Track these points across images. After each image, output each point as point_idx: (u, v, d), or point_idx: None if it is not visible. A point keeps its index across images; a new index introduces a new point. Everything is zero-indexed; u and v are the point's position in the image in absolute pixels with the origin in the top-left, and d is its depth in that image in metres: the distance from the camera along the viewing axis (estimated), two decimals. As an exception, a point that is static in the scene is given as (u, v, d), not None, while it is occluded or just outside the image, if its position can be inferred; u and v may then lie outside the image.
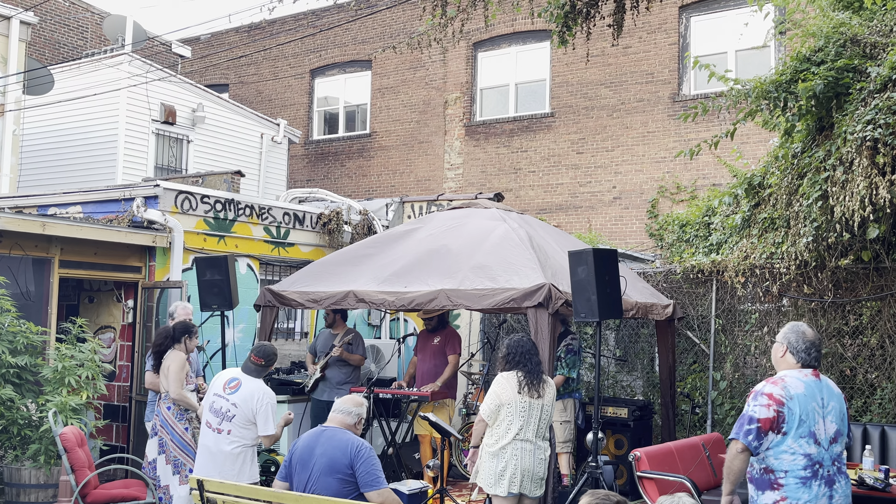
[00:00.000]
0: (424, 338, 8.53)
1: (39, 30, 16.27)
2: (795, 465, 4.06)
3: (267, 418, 5.86)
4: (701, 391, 8.64)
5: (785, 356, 4.29)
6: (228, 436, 5.91)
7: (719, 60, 13.34)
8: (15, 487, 7.23)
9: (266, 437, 5.92)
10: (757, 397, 4.15)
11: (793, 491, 4.06)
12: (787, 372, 4.25)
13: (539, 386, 5.69)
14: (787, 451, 4.07)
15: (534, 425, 5.65)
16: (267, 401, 5.88)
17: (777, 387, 4.14)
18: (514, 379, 5.67)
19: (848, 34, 6.89)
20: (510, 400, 5.61)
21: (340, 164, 18.14)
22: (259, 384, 5.96)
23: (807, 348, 4.25)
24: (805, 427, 4.07)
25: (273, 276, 10.36)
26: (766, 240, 7.86)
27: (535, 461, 5.66)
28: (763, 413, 4.08)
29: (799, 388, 4.13)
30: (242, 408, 5.87)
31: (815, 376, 4.24)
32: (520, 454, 5.60)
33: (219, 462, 5.94)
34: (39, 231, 8.07)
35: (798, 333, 4.29)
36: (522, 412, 5.60)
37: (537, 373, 5.72)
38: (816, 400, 4.15)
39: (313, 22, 18.37)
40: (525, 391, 5.63)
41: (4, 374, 7.39)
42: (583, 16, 8.00)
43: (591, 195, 14.97)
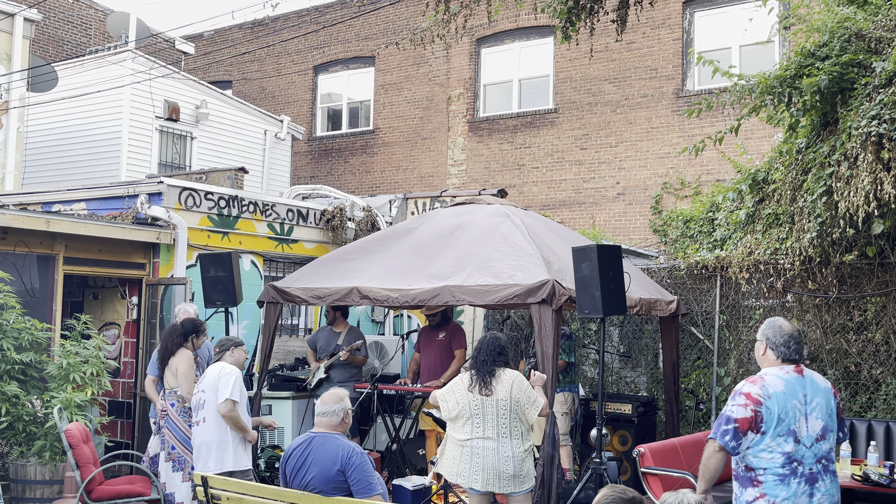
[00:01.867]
0: (428, 333, 8.53)
1: (43, 27, 16.29)
2: (773, 462, 4.04)
3: (226, 385, 6.07)
4: (705, 387, 8.63)
5: (766, 353, 4.24)
6: (205, 424, 6.11)
7: (723, 56, 13.31)
8: (20, 483, 7.26)
9: (222, 403, 6.02)
10: (735, 397, 4.12)
11: (770, 488, 4.04)
12: (767, 370, 4.20)
13: (489, 382, 5.59)
14: (766, 450, 4.05)
15: (492, 423, 5.52)
16: (228, 371, 6.13)
17: (755, 386, 4.10)
18: (467, 377, 5.62)
19: (853, 29, 6.87)
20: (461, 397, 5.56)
21: (344, 160, 18.14)
22: (219, 364, 6.24)
23: (785, 342, 4.20)
24: (784, 426, 4.04)
25: (277, 272, 10.37)
26: (770, 235, 7.85)
27: (500, 459, 5.51)
28: (740, 413, 4.06)
29: (778, 387, 4.09)
30: (209, 389, 6.11)
31: (797, 372, 4.18)
32: (482, 452, 5.49)
33: (202, 453, 6.08)
34: (44, 228, 8.09)
35: (775, 328, 4.24)
36: (476, 411, 5.53)
37: (487, 370, 5.59)
38: (798, 397, 4.10)
39: (316, 18, 18.37)
40: (475, 389, 5.58)
41: (10, 370, 7.41)
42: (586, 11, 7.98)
43: (594, 191, 14.95)
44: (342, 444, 4.70)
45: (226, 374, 6.11)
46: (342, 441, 4.73)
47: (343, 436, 4.79)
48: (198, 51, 19.34)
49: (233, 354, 6.32)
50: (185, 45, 18.50)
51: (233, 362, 6.30)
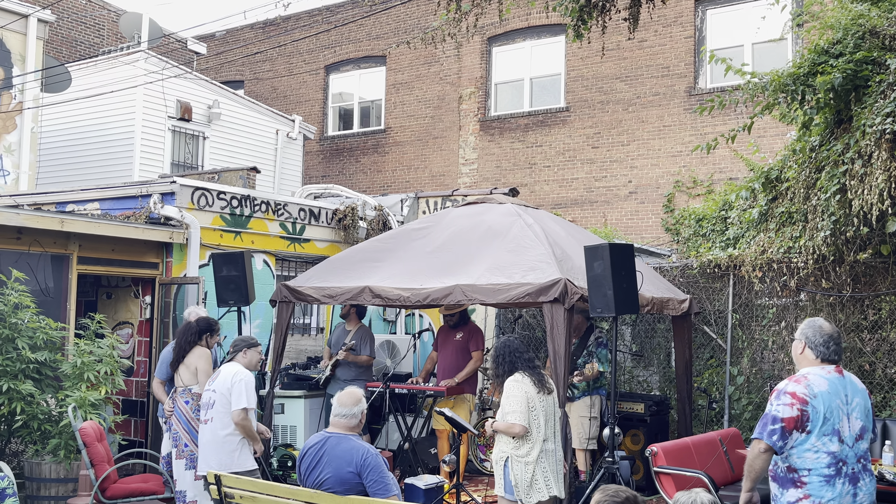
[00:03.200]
0: (445, 333, 8.52)
1: (57, 28, 16.38)
2: (819, 463, 4.02)
3: (240, 393, 6.03)
4: (718, 386, 8.60)
5: (804, 352, 4.23)
6: (212, 424, 6.10)
7: (736, 54, 13.25)
8: (35, 482, 7.30)
9: (236, 411, 6.00)
10: (780, 396, 4.09)
11: (816, 489, 4.01)
12: (809, 369, 4.19)
13: (546, 380, 5.63)
14: (811, 450, 4.03)
15: (552, 422, 5.59)
16: (241, 377, 6.09)
17: (800, 385, 4.08)
18: (527, 379, 5.56)
19: (867, 26, 6.82)
20: (533, 400, 5.49)
21: (355, 159, 18.16)
22: (235, 366, 6.20)
23: (825, 342, 4.19)
24: (829, 425, 4.02)
25: (289, 271, 10.39)
26: (783, 234, 7.81)
27: (557, 461, 5.60)
28: (787, 412, 4.03)
29: (822, 386, 4.08)
30: (220, 391, 6.09)
31: (838, 373, 4.18)
32: (546, 457, 5.51)
33: (208, 452, 6.10)
34: (58, 228, 8.14)
35: (815, 328, 4.23)
36: (545, 411, 5.54)
37: (537, 368, 5.65)
38: (840, 397, 4.10)
39: (328, 18, 18.39)
40: (542, 390, 5.56)
41: (25, 369, 7.45)
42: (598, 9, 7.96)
43: (606, 190, 14.92)
44: (356, 445, 4.71)
45: (239, 381, 6.06)
46: (356, 442, 4.73)
47: (357, 436, 4.80)
48: (210, 51, 19.41)
49: (245, 356, 6.30)
50: (198, 46, 18.57)
51: (245, 364, 6.26)
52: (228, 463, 6.01)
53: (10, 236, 7.99)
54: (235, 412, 6.01)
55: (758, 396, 8.33)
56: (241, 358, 6.29)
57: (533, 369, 5.60)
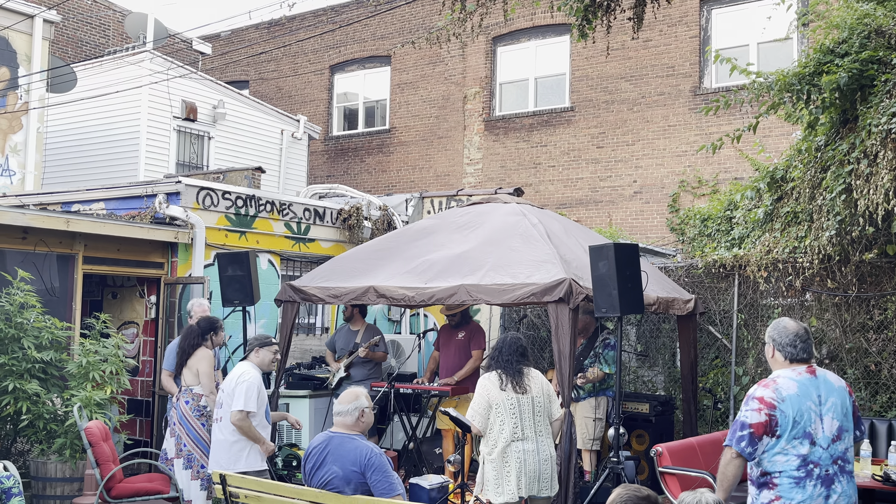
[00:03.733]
0: (447, 333, 8.53)
1: (62, 28, 16.41)
2: (789, 465, 3.99)
3: (239, 395, 6.00)
4: (723, 386, 8.59)
5: (774, 355, 4.20)
6: (221, 423, 6.13)
7: (741, 53, 13.23)
8: (41, 481, 7.32)
9: (233, 412, 5.99)
10: (748, 402, 4.07)
11: (786, 490, 4.00)
12: (779, 372, 4.15)
13: (521, 380, 5.60)
14: (781, 453, 4.01)
15: (529, 422, 5.55)
16: (245, 378, 6.06)
17: (768, 390, 4.05)
18: (496, 377, 5.60)
19: (872, 25, 6.81)
20: (496, 399, 5.52)
21: (360, 159, 18.17)
22: (244, 365, 6.20)
23: (791, 342, 4.14)
24: (799, 428, 3.99)
25: (294, 271, 10.40)
26: (788, 234, 7.79)
27: (540, 461, 5.57)
28: (755, 418, 4.01)
29: (791, 389, 4.04)
30: (227, 391, 6.11)
31: (809, 373, 4.13)
32: (522, 456, 5.49)
33: (217, 451, 6.12)
34: (63, 228, 8.16)
35: (780, 329, 4.19)
36: (512, 410, 5.53)
37: (516, 369, 5.62)
38: (812, 398, 4.05)
39: (332, 18, 18.41)
40: (508, 388, 5.56)
41: (30, 369, 7.47)
42: (603, 9, 7.95)
43: (611, 189, 14.90)
44: (360, 445, 4.70)
45: (242, 382, 6.05)
46: (360, 442, 4.73)
47: (361, 436, 4.78)
48: (215, 51, 19.44)
49: (258, 355, 6.27)
50: (203, 46, 18.60)
51: (258, 363, 6.24)
52: (237, 462, 6.02)
53: (15, 236, 8.01)
54: (233, 413, 6.02)
55: (763, 397, 8.30)
56: (253, 357, 6.27)
57: (507, 368, 5.58)
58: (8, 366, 7.35)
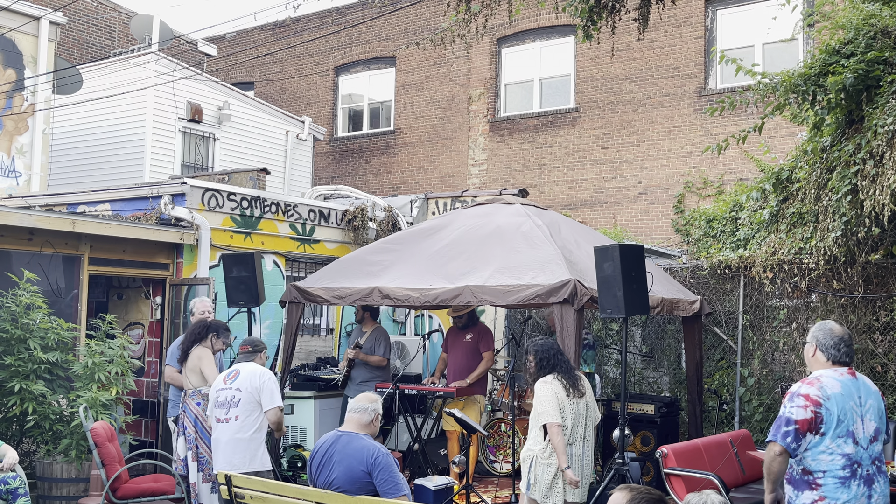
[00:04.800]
0: (454, 334, 8.51)
1: (68, 30, 16.46)
2: (834, 465, 4.01)
3: (272, 392, 6.11)
4: (728, 388, 8.57)
5: (815, 355, 4.23)
6: (236, 422, 6.08)
7: (746, 54, 13.20)
8: (47, 482, 7.34)
9: (273, 410, 6.08)
10: (793, 398, 4.09)
11: (832, 491, 4.01)
12: (822, 372, 4.18)
13: (578, 385, 5.65)
14: (826, 452, 4.02)
15: (581, 427, 5.59)
16: (268, 376, 6.18)
17: (813, 387, 4.08)
18: (558, 382, 5.59)
19: (878, 26, 6.79)
20: (563, 402, 5.51)
21: (365, 160, 18.18)
22: (256, 365, 6.25)
23: (836, 344, 4.19)
24: (843, 427, 4.02)
25: (299, 272, 10.42)
26: (794, 235, 7.78)
27: (583, 466, 5.60)
28: (800, 414, 4.03)
29: (836, 388, 4.07)
30: (247, 388, 6.10)
31: (850, 374, 4.18)
32: (570, 461, 5.52)
33: (229, 451, 6.05)
34: (69, 229, 8.18)
35: (825, 330, 4.23)
36: (573, 414, 5.55)
37: (573, 372, 5.68)
38: (854, 399, 4.10)
39: (337, 19, 18.43)
40: (572, 393, 5.58)
41: (36, 369, 7.49)
42: (608, 10, 7.94)
43: (616, 190, 14.89)
44: (367, 444, 4.72)
45: (268, 379, 6.16)
46: (367, 441, 4.74)
47: (369, 436, 4.81)
48: (220, 52, 19.47)
49: (261, 358, 6.40)
50: (208, 47, 18.63)
51: (260, 364, 6.35)
52: (251, 461, 6.02)
53: (21, 237, 8.04)
54: (272, 411, 6.10)
55: (769, 398, 8.30)
56: (258, 359, 6.37)
57: (567, 372, 5.62)
58: (14, 367, 7.38)
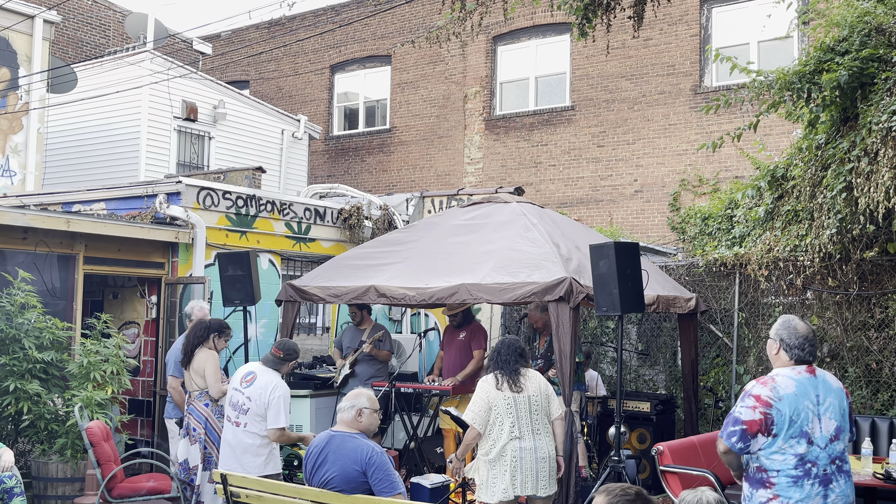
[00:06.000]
0: (450, 333, 8.54)
1: (62, 28, 16.42)
2: (786, 464, 4.00)
3: (278, 411, 5.91)
4: (724, 385, 8.59)
5: (779, 353, 4.18)
6: (245, 429, 6.02)
7: (741, 52, 13.22)
8: (42, 481, 7.33)
9: (273, 430, 5.92)
10: (744, 398, 4.07)
11: (784, 489, 4.00)
12: (778, 370, 4.15)
13: (517, 380, 5.63)
14: (778, 452, 4.01)
15: (526, 420, 5.56)
16: (279, 393, 5.94)
17: (766, 388, 4.05)
18: (492, 378, 5.64)
19: (873, 23, 6.80)
20: (494, 399, 5.55)
21: (360, 159, 18.17)
22: (274, 376, 6.04)
23: (800, 344, 4.13)
24: (796, 427, 3.99)
25: (294, 271, 10.41)
26: (789, 232, 7.79)
27: (537, 460, 5.57)
28: (748, 415, 4.01)
29: (789, 388, 4.03)
30: (256, 401, 5.98)
31: (809, 373, 4.13)
32: (518, 454, 5.51)
33: (238, 455, 6.01)
34: (64, 228, 8.16)
35: (790, 329, 4.16)
36: (509, 409, 5.55)
37: (512, 368, 5.66)
38: (810, 398, 4.05)
39: (332, 18, 18.41)
40: (504, 387, 5.59)
41: (31, 369, 7.48)
42: (603, 8, 7.95)
43: (612, 188, 14.90)
44: (361, 444, 4.70)
45: (277, 397, 5.93)
46: (361, 441, 4.73)
47: (363, 436, 4.78)
48: (215, 51, 19.44)
49: (287, 367, 6.16)
50: (203, 46, 18.60)
51: (285, 374, 6.14)
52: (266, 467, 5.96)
53: (16, 236, 8.02)
54: (272, 431, 5.92)
55: (764, 395, 8.30)
56: (284, 368, 6.12)
57: (503, 368, 5.62)
58: (9, 366, 7.36)
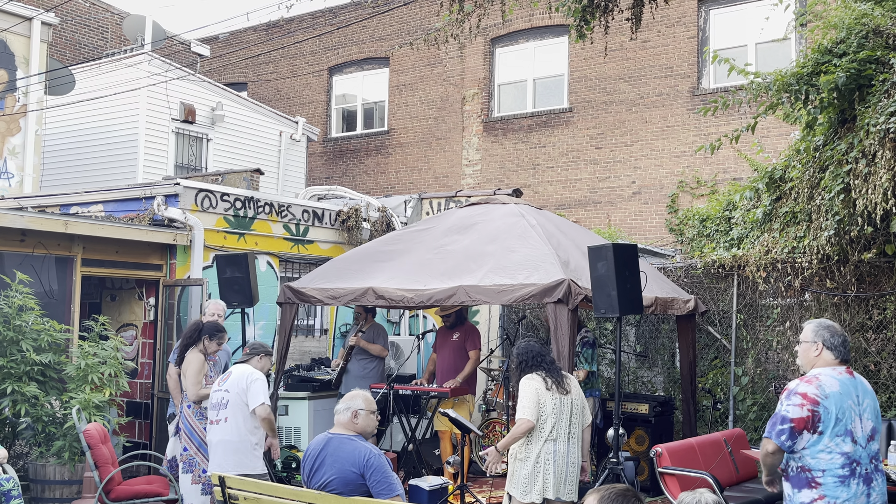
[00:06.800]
0: (443, 334, 8.53)
1: (60, 30, 16.41)
2: (833, 463, 4.01)
3: (256, 392, 6.01)
4: (722, 387, 8.59)
5: (822, 354, 4.21)
6: (225, 424, 6.04)
7: (739, 54, 13.24)
8: (40, 484, 7.31)
9: (260, 407, 5.97)
10: (790, 396, 4.08)
11: (831, 490, 4.01)
12: (820, 370, 4.18)
13: (564, 382, 5.65)
14: (825, 451, 4.02)
15: (565, 423, 5.56)
16: (256, 377, 6.09)
17: (811, 385, 4.08)
18: (539, 378, 5.60)
19: (870, 25, 6.81)
20: (544, 398, 5.53)
21: (359, 161, 18.17)
22: (246, 366, 6.20)
23: (843, 342, 4.21)
24: (842, 426, 4.02)
25: (293, 273, 10.40)
26: (787, 234, 7.80)
27: (568, 464, 5.56)
28: (796, 413, 4.03)
29: (834, 387, 4.08)
30: (234, 389, 6.05)
31: (848, 373, 4.19)
32: (552, 458, 5.49)
33: (219, 453, 6.03)
34: (62, 230, 8.15)
35: (831, 329, 4.24)
36: (555, 410, 5.54)
37: (557, 370, 5.69)
38: (852, 398, 4.10)
39: (330, 20, 18.41)
40: (553, 388, 5.58)
41: (29, 371, 7.46)
42: (601, 10, 7.96)
43: (610, 190, 14.91)
44: (359, 446, 4.70)
45: (255, 380, 6.07)
46: (359, 443, 4.72)
47: (360, 437, 4.77)
48: (213, 53, 19.43)
49: (260, 361, 6.29)
50: (201, 48, 18.59)
51: (259, 368, 6.24)
52: (242, 465, 5.97)
53: (14, 238, 8.01)
54: (259, 408, 5.98)
55: (762, 397, 8.31)
56: (255, 362, 6.27)
57: (550, 369, 5.63)
58: (6, 368, 7.35)
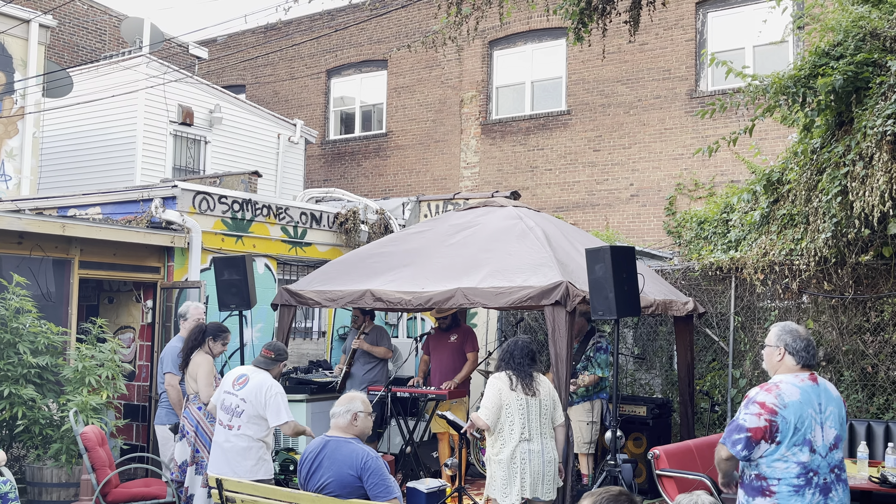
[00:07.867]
0: (438, 336, 8.53)
1: (58, 33, 16.41)
2: (788, 472, 3.95)
3: (278, 409, 5.89)
4: (720, 389, 8.59)
5: (784, 359, 4.14)
6: (238, 431, 5.99)
7: (737, 56, 13.25)
8: (37, 486, 7.30)
9: (286, 426, 5.90)
10: (748, 405, 4.02)
11: (785, 499, 3.95)
12: (782, 377, 4.11)
13: (531, 383, 5.65)
14: (781, 460, 3.96)
15: (535, 423, 5.58)
16: (276, 391, 5.93)
17: (770, 395, 4.01)
18: (505, 378, 5.64)
19: (867, 28, 6.83)
20: (507, 399, 5.56)
21: (357, 163, 18.17)
22: (266, 376, 6.02)
23: (805, 346, 4.11)
24: (800, 435, 3.96)
25: (290, 275, 10.39)
26: (785, 236, 7.81)
27: (544, 462, 5.58)
28: (753, 422, 3.97)
29: (794, 395, 4.00)
30: (251, 401, 5.94)
31: (811, 380, 4.10)
32: (527, 457, 5.53)
33: (230, 458, 5.99)
34: (59, 232, 8.14)
35: (793, 333, 4.14)
36: (521, 410, 5.56)
37: (527, 372, 5.67)
38: (813, 406, 4.02)
39: (328, 22, 18.42)
40: (518, 388, 5.59)
41: (26, 374, 7.45)
42: (599, 12, 7.96)
43: (608, 193, 14.92)
44: (356, 448, 4.69)
45: (274, 395, 5.90)
46: (356, 446, 4.72)
47: (357, 440, 4.77)
48: (211, 55, 19.44)
49: (278, 368, 6.17)
50: (199, 50, 18.60)
51: (275, 375, 6.12)
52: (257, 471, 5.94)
53: (11, 241, 8.00)
54: (286, 426, 5.88)
55: (760, 399, 8.31)
56: (276, 369, 6.12)
57: (517, 370, 5.62)
58: (3, 371, 7.34)
